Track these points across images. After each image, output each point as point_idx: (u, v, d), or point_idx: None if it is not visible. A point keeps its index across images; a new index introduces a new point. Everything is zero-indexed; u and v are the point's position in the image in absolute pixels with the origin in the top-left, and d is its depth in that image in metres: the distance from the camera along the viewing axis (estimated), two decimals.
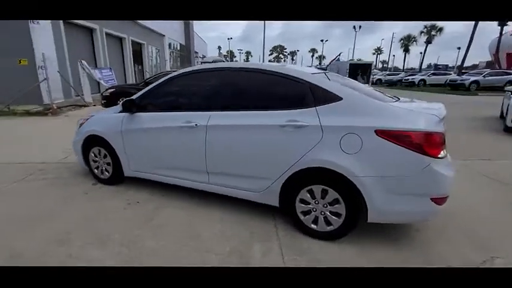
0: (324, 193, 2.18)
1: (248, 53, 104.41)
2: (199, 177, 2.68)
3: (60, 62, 10.58)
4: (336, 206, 2.16)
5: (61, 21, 10.87)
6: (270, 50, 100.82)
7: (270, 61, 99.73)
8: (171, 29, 25.23)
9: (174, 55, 28.82)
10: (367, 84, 2.99)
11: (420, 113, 2.05)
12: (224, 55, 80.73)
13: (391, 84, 28.78)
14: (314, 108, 2.19)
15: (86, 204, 2.83)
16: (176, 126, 2.63)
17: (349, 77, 17.90)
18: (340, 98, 2.15)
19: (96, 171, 3.32)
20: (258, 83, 2.47)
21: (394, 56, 74.73)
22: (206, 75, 2.74)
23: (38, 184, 3.30)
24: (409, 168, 1.95)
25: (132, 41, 17.74)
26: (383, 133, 1.97)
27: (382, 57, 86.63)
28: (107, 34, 14.49)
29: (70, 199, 2.93)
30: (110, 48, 14.95)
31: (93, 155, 3.28)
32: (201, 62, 16.84)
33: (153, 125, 2.80)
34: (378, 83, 30.67)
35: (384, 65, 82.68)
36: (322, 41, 68.09)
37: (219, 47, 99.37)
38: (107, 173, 3.24)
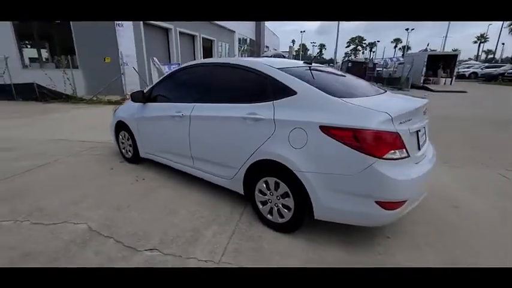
0: (277, 185, 2.23)
1: (322, 46, 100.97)
2: (187, 161, 3.00)
3: (139, 59, 12.34)
4: (286, 199, 2.19)
5: (141, 22, 12.62)
6: (347, 42, 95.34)
7: (346, 54, 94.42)
8: (241, 25, 26.35)
9: (244, 50, 30.08)
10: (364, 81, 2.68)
11: (369, 109, 1.91)
12: (296, 49, 79.79)
13: (488, 79, 23.95)
14: (272, 102, 2.24)
15: (106, 177, 3.46)
16: (170, 115, 3.00)
17: (427, 70, 15.80)
18: (295, 92, 2.16)
19: (123, 151, 3.98)
20: (229, 77, 2.64)
21: (503, 44, 61.69)
22: (194, 70, 3.03)
23: (83, 158, 4.15)
24: (350, 166, 1.87)
25: (203, 38, 19.25)
26: (326, 129, 1.92)
27: (487, 46, 72.23)
28: (180, 33, 16.12)
29: (98, 172, 3.62)
30: (183, 45, 16.59)
31: (121, 137, 3.94)
32: (262, 56, 17.22)
33: (155, 113, 3.24)
34: (472, 77, 26.01)
35: (489, 56, 69.09)
36: (407, 30, 60.89)
37: (293, 41, 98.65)
38: (129, 153, 3.86)
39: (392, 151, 1.85)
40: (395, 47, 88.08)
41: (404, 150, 1.91)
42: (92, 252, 2.08)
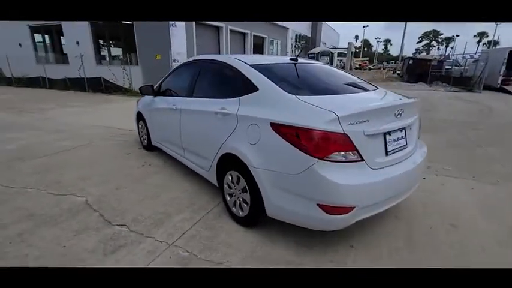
0: (238, 180, 2.28)
1: (387, 41, 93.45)
2: (180, 151, 3.23)
3: (189, 56, 13.24)
4: (245, 194, 2.23)
5: (194, 22, 13.48)
6: (419, 37, 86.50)
7: (416, 50, 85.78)
8: (296, 22, 26.05)
9: (298, 47, 29.71)
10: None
11: (316, 108, 1.82)
12: (358, 45, 75.41)
13: None
14: (239, 97, 2.29)
15: (121, 161, 3.91)
16: (168, 108, 3.25)
17: (508, 70, 13.59)
18: (257, 89, 2.16)
19: (141, 139, 4.42)
20: (211, 73, 2.75)
21: None
22: (189, 66, 3.21)
23: (111, 143, 4.72)
24: (293, 166, 1.82)
25: (254, 35, 19.61)
26: (275, 126, 1.91)
27: None
28: (231, 31, 16.71)
29: (117, 155, 4.11)
30: (233, 43, 17.17)
31: (140, 126, 4.38)
32: (308, 54, 16.81)
33: (160, 106, 3.54)
34: None
35: None
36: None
37: (356, 36, 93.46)
38: (145, 141, 4.27)
39: (337, 153, 1.74)
40: (480, 41, 76.77)
41: (354, 152, 1.78)
42: (75, 221, 2.42)
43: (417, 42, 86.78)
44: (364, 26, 73.55)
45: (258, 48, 21.34)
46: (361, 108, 1.83)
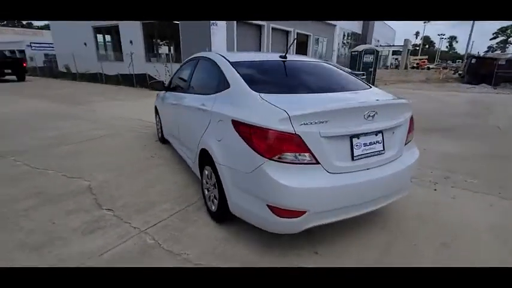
0: (211, 175, 2.32)
1: (452, 38, 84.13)
2: (179, 145, 3.37)
3: None
4: (215, 189, 2.26)
5: (235, 21, 13.77)
6: (493, 34, 76.26)
7: (489, 47, 75.95)
8: None
9: (347, 44, 28.44)
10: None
11: (271, 106, 1.75)
12: (417, 43, 69.34)
13: None
14: (215, 94, 2.32)
15: (135, 151, 4.22)
16: (171, 103, 3.42)
17: None
18: (229, 86, 2.16)
19: (158, 131, 4.71)
20: (202, 69, 2.81)
21: None
22: (189, 63, 3.32)
23: (134, 134, 5.11)
24: (247, 164, 1.80)
25: (298, 33, 19.30)
26: (235, 123, 1.90)
27: None
28: (273, 29, 16.69)
29: (134, 146, 4.44)
30: (275, 41, 17.12)
31: (156, 119, 4.67)
32: (351, 52, 15.95)
33: (167, 101, 3.73)
34: None
35: None
36: None
37: (417, 33, 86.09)
38: (159, 134, 4.54)
39: (287, 153, 1.67)
40: None
41: (307, 154, 1.68)
42: (73, 202, 2.70)
43: (491, 39, 76.61)
44: (424, 22, 67.23)
45: (302, 47, 20.98)
46: (317, 108, 1.71)
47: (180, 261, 1.93)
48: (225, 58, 2.45)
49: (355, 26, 28.91)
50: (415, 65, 43.68)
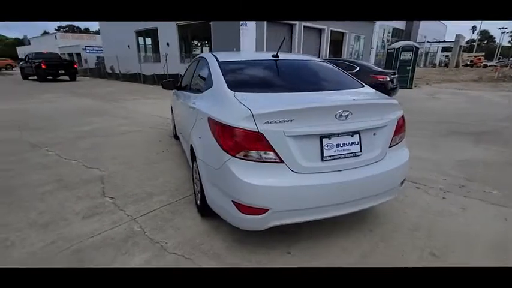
0: (197, 169, 2.41)
1: None
2: (182, 140, 3.54)
3: None
4: (199, 183, 2.35)
5: (265, 21, 13.84)
6: None
7: None
8: None
9: (388, 41, 26.93)
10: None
11: (238, 105, 1.78)
12: (473, 38, 63.13)
13: None
14: (203, 92, 2.41)
15: (149, 146, 4.50)
16: (179, 101, 3.60)
17: None
18: (212, 85, 2.24)
19: (172, 128, 4.97)
20: (199, 69, 2.92)
21: None
22: (194, 63, 3.45)
23: (154, 130, 5.45)
24: (216, 161, 1.86)
25: (332, 31, 18.76)
26: (210, 121, 1.97)
27: None
28: (305, 27, 16.44)
29: (151, 141, 4.74)
30: (307, 39, 16.84)
31: (172, 117, 4.92)
32: (387, 49, 15.03)
33: (176, 99, 3.93)
34: None
35: None
36: None
37: (473, 27, 78.51)
38: (174, 131, 4.79)
39: (250, 151, 1.69)
40: None
41: (270, 153, 1.69)
42: (84, 189, 2.99)
43: None
44: None
45: (337, 45, 20.37)
46: (281, 107, 1.70)
47: (156, 249, 2.05)
48: (215, 58, 2.53)
49: (399, 22, 27.24)
50: (468, 63, 39.83)
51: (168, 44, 16.01)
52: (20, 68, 18.83)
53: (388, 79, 8.01)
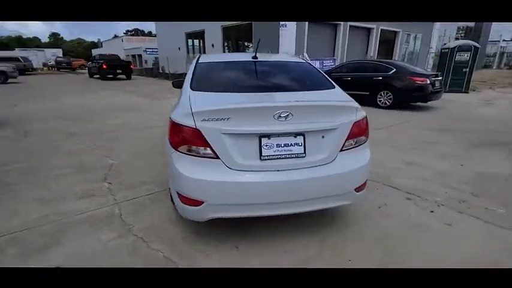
0: None
1: None
2: None
3: (297, 56, 13.61)
4: None
5: (306, 22, 13.66)
6: None
7: None
8: None
9: (452, 40, 24.28)
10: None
11: (185, 102, 1.91)
12: None
13: None
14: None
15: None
16: None
17: None
18: (183, 84, 2.40)
19: None
20: None
21: None
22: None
23: None
24: (167, 154, 2.03)
25: (382, 30, 17.66)
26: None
27: None
28: (351, 27, 15.76)
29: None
30: (353, 40, 16.12)
31: None
32: (441, 49, 13.50)
33: None
34: None
35: None
36: None
37: None
38: None
39: (189, 146, 1.81)
40: None
41: (207, 149, 1.78)
42: (93, 174, 3.42)
43: None
44: None
45: (388, 45, 19.08)
46: (218, 105, 1.78)
47: (124, 230, 2.30)
48: (197, 59, 2.70)
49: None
50: None
51: (212, 45, 16.80)
52: (87, 67, 21.54)
53: (428, 82, 7.34)
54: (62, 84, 16.38)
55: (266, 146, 1.82)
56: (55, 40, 72.49)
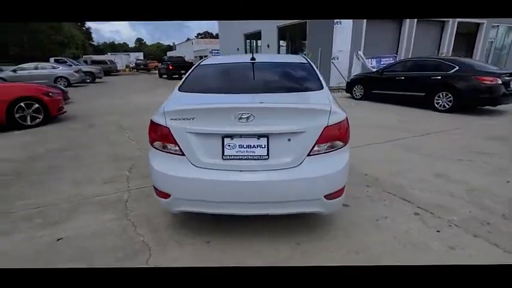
0: None
1: None
2: None
3: (353, 53, 12.84)
4: None
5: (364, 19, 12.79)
6: None
7: None
8: None
9: None
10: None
11: (168, 102, 2.08)
12: None
13: None
14: None
15: None
16: None
17: None
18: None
19: None
20: None
21: None
22: None
23: None
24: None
25: (460, 22, 15.45)
26: None
27: None
28: (419, 21, 14.19)
29: None
30: (423, 35, 14.51)
31: None
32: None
33: None
34: None
35: None
36: None
37: None
38: None
39: (160, 143, 1.96)
40: None
41: (174, 146, 1.90)
42: (121, 163, 3.89)
43: None
44: None
45: (468, 39, 16.57)
46: (183, 106, 1.88)
47: (122, 214, 2.59)
48: (199, 62, 2.87)
49: None
50: None
51: (268, 45, 17.05)
52: (158, 68, 24.02)
53: (499, 82, 6.21)
54: (135, 81, 18.73)
55: (229, 146, 1.86)
56: (139, 45, 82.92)
